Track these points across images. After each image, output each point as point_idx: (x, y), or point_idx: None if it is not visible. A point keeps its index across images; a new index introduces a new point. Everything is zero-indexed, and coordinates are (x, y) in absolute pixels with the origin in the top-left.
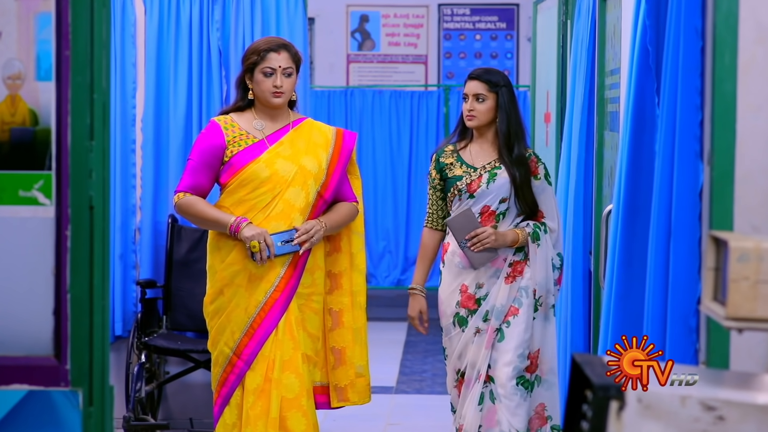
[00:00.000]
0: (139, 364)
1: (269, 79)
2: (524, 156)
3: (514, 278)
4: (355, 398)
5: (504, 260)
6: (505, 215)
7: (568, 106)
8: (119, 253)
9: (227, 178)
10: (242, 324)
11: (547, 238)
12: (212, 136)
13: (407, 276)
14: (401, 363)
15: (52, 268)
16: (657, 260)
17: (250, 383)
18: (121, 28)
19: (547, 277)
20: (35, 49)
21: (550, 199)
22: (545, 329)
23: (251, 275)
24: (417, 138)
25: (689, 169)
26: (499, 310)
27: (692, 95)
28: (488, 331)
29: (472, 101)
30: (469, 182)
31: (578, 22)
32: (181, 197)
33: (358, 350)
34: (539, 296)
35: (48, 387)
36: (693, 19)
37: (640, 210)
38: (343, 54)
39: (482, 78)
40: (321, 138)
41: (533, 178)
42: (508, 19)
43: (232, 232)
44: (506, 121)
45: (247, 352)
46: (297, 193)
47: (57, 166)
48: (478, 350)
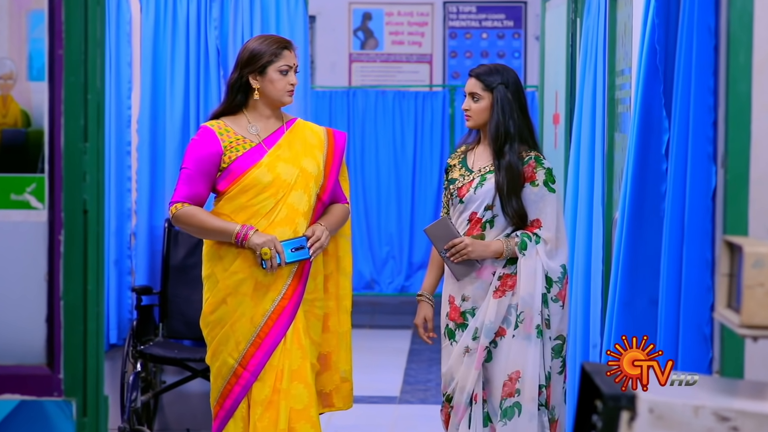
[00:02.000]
0: (135, 373)
1: (285, 77)
2: (515, 161)
3: (503, 293)
4: (340, 404)
5: (492, 273)
6: (493, 224)
7: (578, 107)
8: (114, 258)
9: (226, 185)
10: (248, 334)
11: (538, 249)
12: (208, 143)
13: (411, 282)
14: (405, 372)
15: (45, 274)
16: (669, 266)
17: (258, 394)
18: (116, 26)
19: (533, 293)
20: (27, 48)
21: (550, 207)
22: (525, 351)
23: (257, 283)
24: (421, 140)
25: (702, 172)
26: (489, 327)
27: (705, 95)
28: (478, 350)
29: (468, 100)
30: (460, 186)
31: (588, 20)
32: (179, 208)
33: (343, 355)
34: (520, 312)
35: (40, 397)
36: (706, 17)
37: (646, 215)
38: (345, 53)
39: (479, 76)
40: (315, 139)
41: (530, 185)
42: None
43: (239, 240)
44: (496, 123)
45: (254, 363)
46: (300, 196)
47: (50, 169)
48: (468, 372)
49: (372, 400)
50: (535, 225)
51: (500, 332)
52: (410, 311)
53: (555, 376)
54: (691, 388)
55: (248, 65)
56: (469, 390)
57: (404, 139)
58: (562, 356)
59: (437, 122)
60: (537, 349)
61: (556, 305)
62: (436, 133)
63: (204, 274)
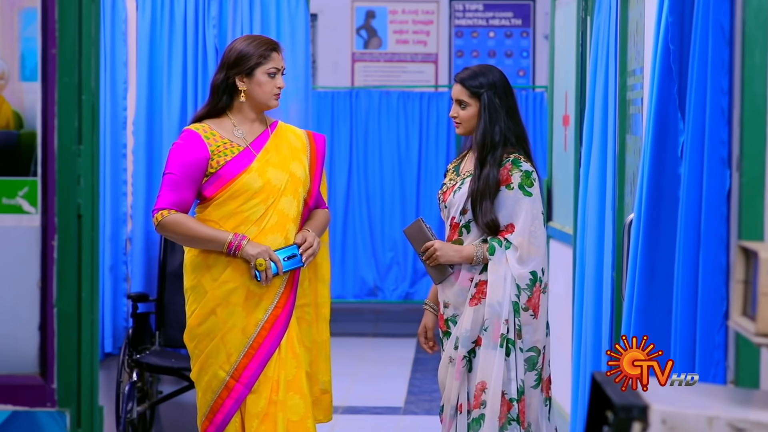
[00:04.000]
0: (131, 383)
1: (273, 80)
2: (494, 170)
3: (479, 300)
4: (320, 416)
5: (470, 279)
6: (469, 228)
7: (588, 108)
8: (109, 264)
9: (214, 190)
10: (240, 345)
11: (507, 255)
12: (194, 148)
13: (416, 289)
14: (410, 382)
15: (38, 281)
16: (684, 273)
17: (253, 407)
18: (111, 24)
19: (501, 301)
20: (19, 48)
21: (525, 211)
22: (491, 361)
23: (249, 293)
24: (426, 142)
25: (717, 176)
26: (465, 336)
27: (720, 96)
28: (458, 359)
29: (456, 107)
30: (445, 190)
31: (599, 18)
32: (165, 215)
33: (323, 365)
34: (486, 319)
35: (33, 407)
36: (720, 15)
37: (663, 219)
38: (348, 52)
39: (464, 81)
40: (298, 142)
41: (505, 188)
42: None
43: (232, 250)
44: (482, 132)
45: (247, 375)
46: (290, 202)
47: (43, 172)
48: (452, 382)
49: (376, 410)
50: (509, 230)
51: (478, 341)
52: (415, 319)
53: (529, 390)
54: (706, 398)
55: (235, 66)
56: (453, 401)
57: (409, 142)
58: (537, 369)
59: (443, 124)
60: (501, 359)
61: (526, 314)
62: (442, 135)
63: (187, 285)
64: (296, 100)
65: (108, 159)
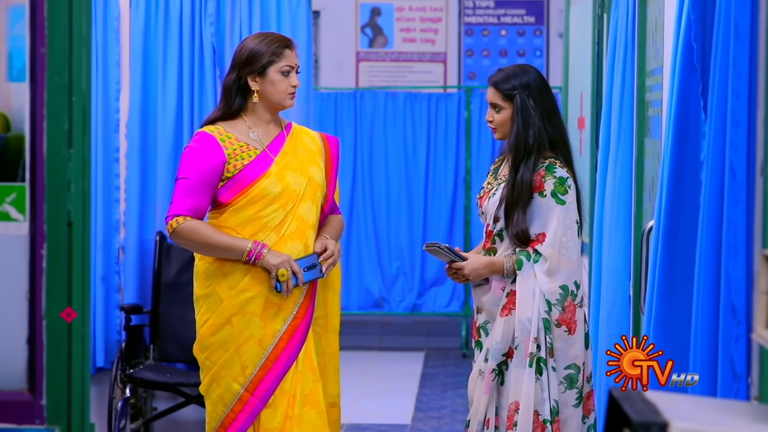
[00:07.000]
0: (123, 399)
1: (287, 78)
2: (527, 177)
3: (510, 311)
4: (329, 431)
5: (502, 289)
6: (503, 237)
7: (605, 110)
8: (101, 274)
9: (231, 196)
10: (256, 357)
11: (536, 269)
12: (211, 152)
13: (424, 301)
14: (417, 398)
15: (26, 292)
16: (705, 283)
17: (268, 422)
18: (104, 22)
19: (531, 318)
20: (7, 46)
21: (556, 220)
22: (521, 380)
23: (267, 302)
24: (435, 145)
25: (740, 181)
26: (495, 348)
27: (742, 98)
28: (487, 372)
29: (491, 111)
30: (482, 195)
31: (616, 15)
32: (181, 222)
33: (332, 378)
34: (516, 336)
35: (21, 425)
36: (743, 13)
37: (683, 226)
38: (352, 51)
39: (497, 85)
40: (314, 145)
41: (538, 195)
42: (537, 13)
43: (251, 259)
44: (515, 136)
45: (263, 388)
46: (309, 207)
47: (31, 178)
48: (480, 396)
49: (381, 428)
50: (540, 239)
51: (509, 353)
52: (422, 332)
53: (569, 410)
54: (728, 415)
55: (247, 66)
56: (480, 416)
57: (416, 145)
58: (578, 387)
59: (452, 126)
60: (532, 378)
61: (559, 330)
62: (451, 138)
63: (200, 293)
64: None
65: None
